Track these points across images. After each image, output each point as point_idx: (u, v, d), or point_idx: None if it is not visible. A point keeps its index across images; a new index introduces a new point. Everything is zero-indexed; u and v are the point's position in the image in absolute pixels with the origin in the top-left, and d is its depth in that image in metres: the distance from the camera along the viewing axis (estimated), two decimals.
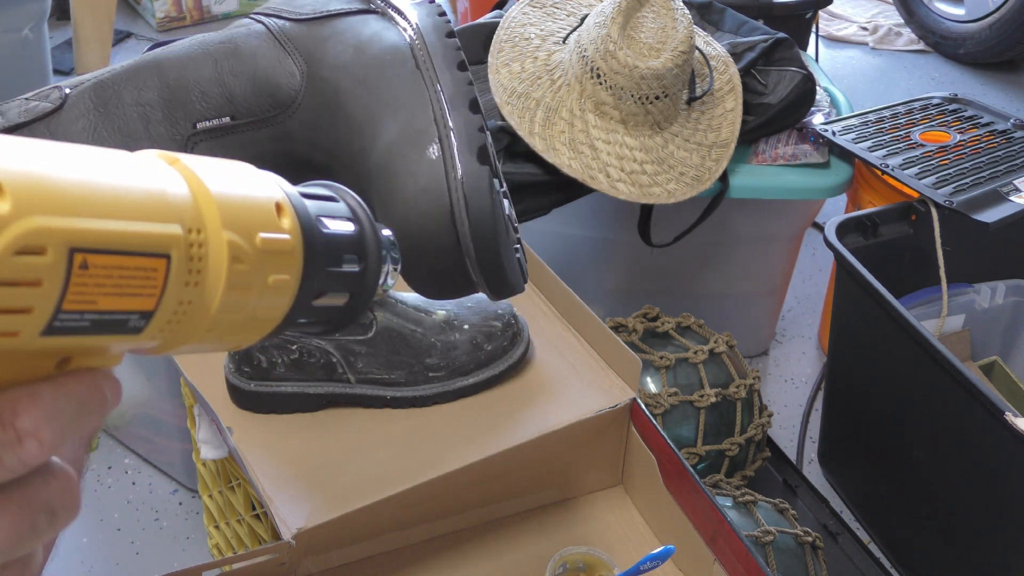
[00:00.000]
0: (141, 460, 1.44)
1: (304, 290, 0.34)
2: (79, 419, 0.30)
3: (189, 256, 0.29)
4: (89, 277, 0.27)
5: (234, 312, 0.31)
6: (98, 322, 0.28)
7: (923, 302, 1.34)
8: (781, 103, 1.43)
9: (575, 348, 1.04)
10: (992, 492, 1.16)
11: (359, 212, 0.38)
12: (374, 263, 0.37)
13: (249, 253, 0.31)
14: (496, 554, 0.95)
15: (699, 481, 0.90)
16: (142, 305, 0.29)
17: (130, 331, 0.29)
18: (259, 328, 0.34)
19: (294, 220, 0.33)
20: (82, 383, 0.30)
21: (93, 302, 0.27)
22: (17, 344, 0.27)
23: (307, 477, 0.90)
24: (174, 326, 0.30)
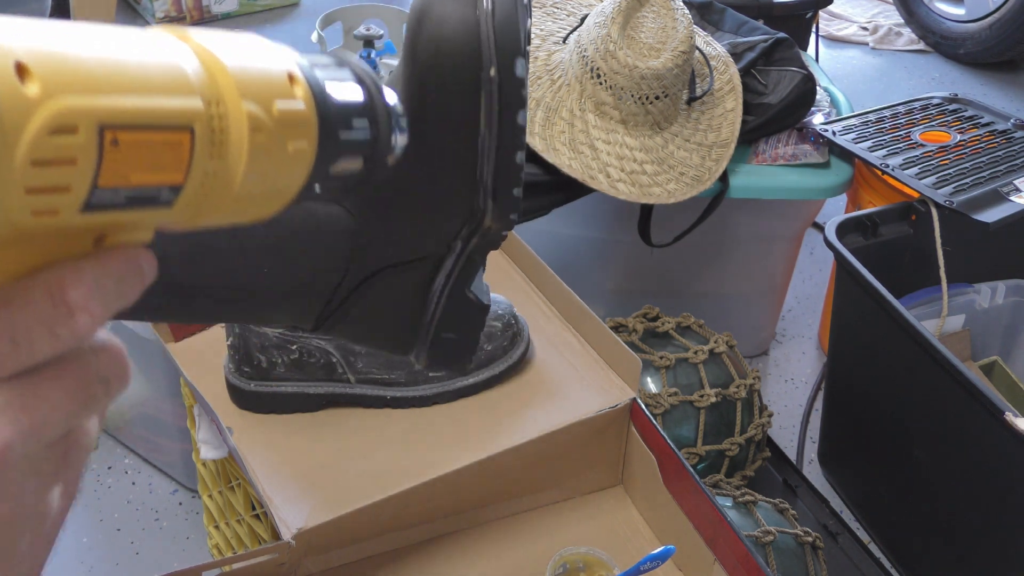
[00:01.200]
0: (141, 460, 1.44)
1: (321, 157, 0.35)
2: (121, 291, 0.32)
3: (211, 128, 0.30)
4: (119, 153, 0.28)
5: (258, 182, 0.33)
6: (132, 197, 0.29)
7: (923, 302, 1.34)
8: (781, 103, 1.43)
9: (575, 348, 1.03)
10: (992, 492, 1.16)
11: (366, 79, 0.39)
12: (384, 127, 0.39)
13: (267, 123, 0.32)
14: (496, 554, 0.95)
15: (699, 481, 0.90)
16: (171, 179, 0.30)
17: (161, 204, 0.30)
18: (281, 197, 0.35)
19: (306, 89, 0.34)
20: (121, 257, 0.31)
21: (125, 177, 0.28)
22: (57, 223, 0.28)
23: (307, 477, 0.90)
24: (202, 199, 0.31)
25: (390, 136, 0.40)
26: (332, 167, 0.36)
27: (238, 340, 0.94)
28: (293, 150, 0.34)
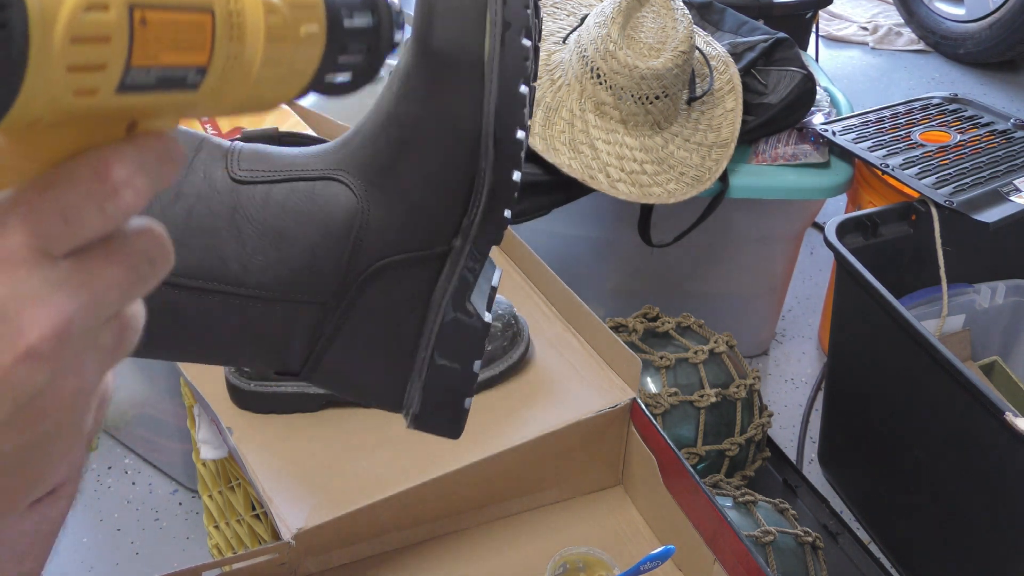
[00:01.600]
0: (141, 460, 1.44)
1: (330, 43, 0.38)
2: (161, 170, 0.34)
3: (229, 11, 0.33)
4: (148, 32, 0.30)
5: (274, 65, 0.35)
6: (162, 78, 0.31)
7: (923, 302, 1.34)
8: (781, 103, 1.43)
9: (575, 348, 1.03)
10: (992, 492, 1.16)
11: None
12: (386, 18, 0.42)
13: (279, 6, 0.35)
14: (496, 554, 0.95)
15: (699, 481, 0.90)
16: (196, 59, 0.32)
17: (188, 87, 0.33)
18: (296, 81, 0.38)
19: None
20: (155, 139, 0.34)
21: (155, 57, 0.31)
22: (96, 103, 0.30)
23: (307, 477, 0.90)
24: (224, 82, 0.34)
25: (392, 29, 0.42)
26: (340, 55, 0.39)
27: None
28: (305, 33, 0.36)
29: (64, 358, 0.32)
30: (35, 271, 0.31)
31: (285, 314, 0.62)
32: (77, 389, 0.33)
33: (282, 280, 0.61)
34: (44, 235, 0.31)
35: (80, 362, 0.33)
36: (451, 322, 0.64)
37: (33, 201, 0.31)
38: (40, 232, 0.31)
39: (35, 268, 0.31)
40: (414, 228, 0.63)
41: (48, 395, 0.32)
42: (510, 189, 0.65)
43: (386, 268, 0.63)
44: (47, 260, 0.32)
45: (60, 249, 0.32)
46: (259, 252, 0.60)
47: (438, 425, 0.66)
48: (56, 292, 0.31)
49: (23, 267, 0.31)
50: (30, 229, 0.31)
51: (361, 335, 0.64)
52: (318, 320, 0.63)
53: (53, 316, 0.31)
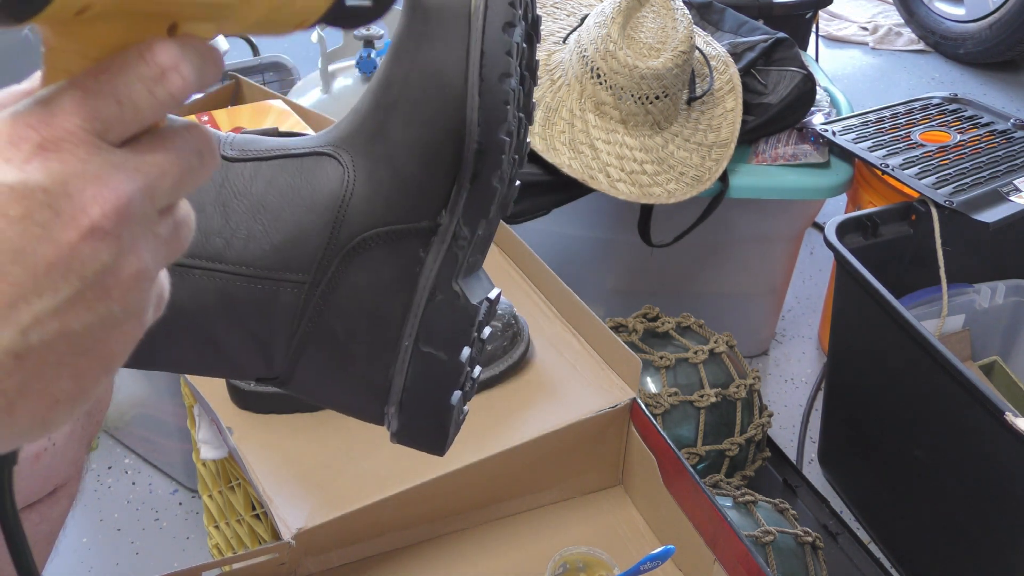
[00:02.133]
0: (141, 460, 1.44)
1: None
2: (204, 66, 0.35)
3: None
4: None
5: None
6: None
7: (923, 302, 1.34)
8: (781, 103, 1.43)
9: (575, 348, 1.03)
10: (992, 492, 1.16)
11: None
12: None
13: None
14: (496, 554, 0.95)
15: (699, 481, 0.90)
16: None
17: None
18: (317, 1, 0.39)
19: None
20: (198, 42, 0.35)
21: None
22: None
23: (307, 477, 0.90)
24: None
25: None
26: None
27: None
28: None
29: (124, 238, 0.33)
30: (94, 153, 0.33)
31: (266, 294, 0.60)
32: (137, 271, 0.34)
33: (264, 255, 0.60)
34: (100, 118, 0.33)
35: (139, 245, 0.34)
36: (437, 303, 0.62)
37: (88, 86, 0.33)
38: (96, 115, 0.33)
39: (94, 150, 0.33)
40: (400, 197, 0.62)
41: (112, 273, 0.34)
42: (497, 149, 0.62)
43: (370, 241, 0.61)
44: (104, 144, 0.33)
45: (115, 133, 0.33)
46: (242, 226, 0.59)
47: (422, 432, 0.64)
48: (115, 173, 0.33)
49: (82, 149, 0.32)
50: (87, 112, 0.33)
51: (343, 319, 0.62)
52: (300, 303, 0.61)
53: (113, 195, 0.33)
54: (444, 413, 0.63)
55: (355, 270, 0.62)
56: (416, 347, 0.62)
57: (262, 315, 0.61)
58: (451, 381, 0.63)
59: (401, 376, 0.62)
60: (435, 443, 0.65)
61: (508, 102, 0.61)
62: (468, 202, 0.62)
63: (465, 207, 0.62)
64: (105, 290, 0.34)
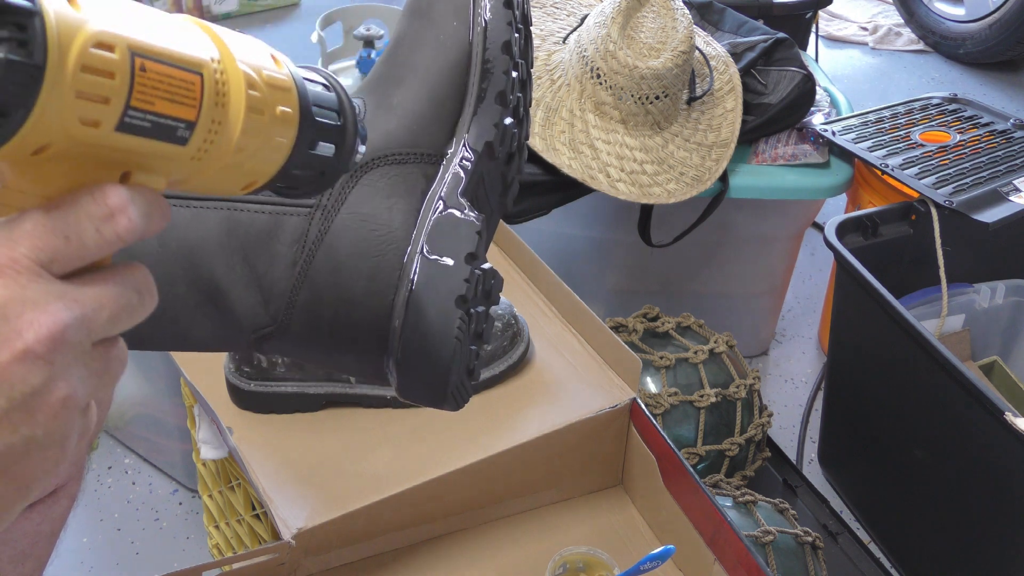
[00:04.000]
0: (141, 460, 1.44)
1: (303, 130, 0.42)
2: (151, 213, 0.37)
3: (215, 80, 0.37)
4: (147, 79, 0.34)
5: (253, 137, 0.39)
6: (156, 125, 0.35)
7: (923, 302, 1.34)
8: (781, 103, 1.43)
9: (575, 348, 1.04)
10: (992, 492, 1.16)
11: (332, 82, 0.46)
12: (351, 119, 0.46)
13: (259, 83, 0.39)
14: (496, 554, 0.95)
15: (699, 481, 0.90)
16: (187, 114, 0.36)
17: (178, 140, 0.36)
18: (271, 158, 0.41)
19: (287, 69, 0.42)
20: (147, 191, 0.37)
21: (152, 103, 0.35)
22: (97, 136, 0.34)
23: (307, 477, 0.90)
24: (209, 144, 0.38)
25: (356, 136, 0.46)
26: (310, 148, 0.43)
27: None
28: (280, 112, 0.41)
29: (57, 364, 0.35)
30: (36, 281, 0.34)
31: (271, 223, 0.62)
32: (66, 397, 0.35)
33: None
34: (47, 249, 0.35)
35: (70, 373, 0.35)
36: (444, 217, 0.63)
37: (38, 220, 0.35)
38: (43, 247, 0.34)
39: (36, 279, 0.34)
40: (409, 125, 0.65)
41: (40, 397, 0.35)
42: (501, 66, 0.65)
43: (378, 162, 0.63)
44: (47, 274, 0.35)
45: (60, 265, 0.35)
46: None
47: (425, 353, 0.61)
48: (54, 302, 0.34)
49: (25, 276, 0.34)
50: (34, 243, 0.34)
51: (347, 237, 0.62)
52: (304, 228, 0.62)
53: (49, 321, 0.34)
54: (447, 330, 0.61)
55: (360, 188, 0.63)
56: (423, 255, 0.62)
57: (265, 244, 0.62)
58: (456, 285, 0.62)
59: (404, 291, 0.61)
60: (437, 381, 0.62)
61: (511, 23, 0.65)
62: (475, 123, 0.65)
63: (472, 128, 0.65)
64: (30, 413, 0.35)
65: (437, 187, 0.64)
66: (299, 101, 0.42)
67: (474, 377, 0.67)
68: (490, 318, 0.66)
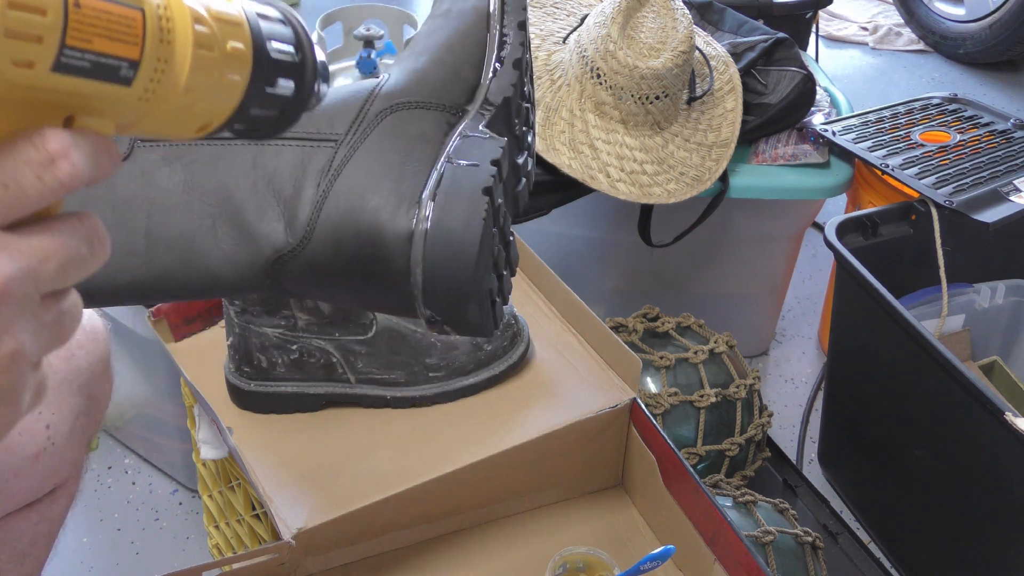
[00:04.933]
0: (141, 460, 1.44)
1: (256, 68, 0.40)
2: (98, 157, 0.35)
3: (159, 16, 0.35)
4: (82, 16, 0.32)
5: (203, 77, 0.37)
6: (95, 64, 0.33)
7: (923, 302, 1.34)
8: (781, 103, 1.43)
9: (575, 348, 1.03)
10: (992, 492, 1.16)
11: (291, 16, 0.44)
12: (309, 54, 0.44)
13: (206, 18, 0.37)
14: (496, 554, 0.95)
15: (699, 481, 0.90)
16: (128, 52, 0.34)
17: (122, 80, 0.35)
18: (225, 99, 0.39)
19: (238, 2, 0.40)
20: (92, 134, 0.35)
21: (89, 41, 0.33)
22: (33, 77, 0.32)
23: (307, 477, 0.90)
24: (156, 84, 0.36)
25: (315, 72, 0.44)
26: (267, 87, 0.41)
27: (238, 340, 0.94)
28: (231, 48, 0.39)
29: (1, 317, 0.33)
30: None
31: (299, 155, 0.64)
32: (13, 352, 0.34)
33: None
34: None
35: (17, 327, 0.34)
36: (467, 138, 0.67)
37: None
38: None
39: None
40: (430, 85, 0.68)
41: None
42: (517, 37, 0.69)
43: (402, 106, 0.67)
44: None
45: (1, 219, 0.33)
46: None
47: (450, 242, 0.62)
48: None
49: None
50: None
51: (372, 160, 0.65)
52: (330, 159, 0.65)
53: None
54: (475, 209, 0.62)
55: (384, 124, 0.67)
56: (447, 162, 0.65)
57: (290, 173, 0.65)
58: (484, 179, 0.64)
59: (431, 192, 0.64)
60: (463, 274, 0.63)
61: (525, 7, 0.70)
62: (494, 83, 0.69)
63: (491, 87, 0.69)
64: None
65: (459, 125, 0.68)
66: (252, 36, 0.40)
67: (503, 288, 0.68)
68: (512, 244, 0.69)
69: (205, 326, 1.04)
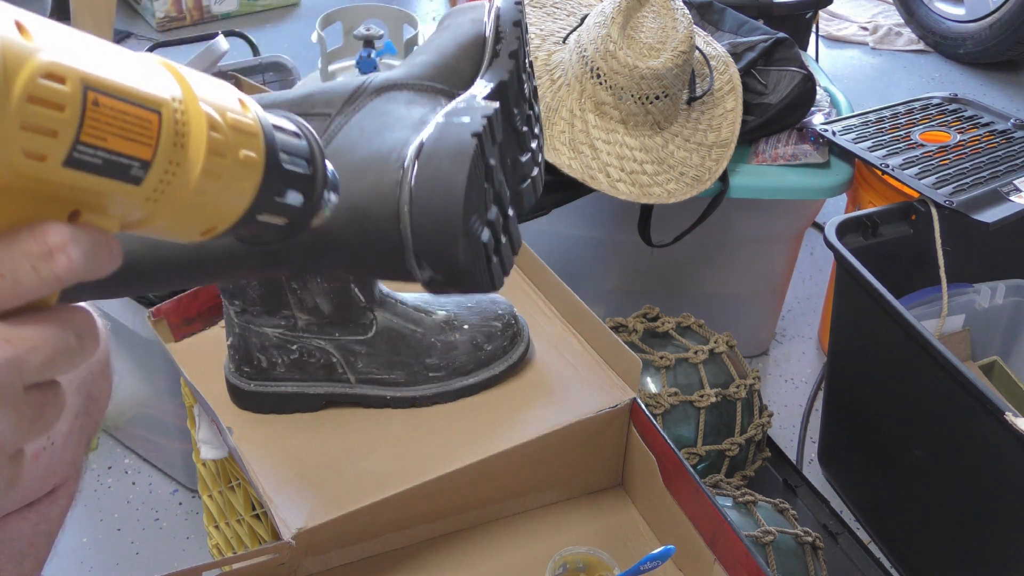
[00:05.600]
0: (141, 460, 1.44)
1: (268, 176, 0.41)
2: (97, 254, 0.35)
3: (175, 120, 0.36)
4: (100, 114, 0.33)
5: (213, 181, 0.38)
6: (108, 162, 0.34)
7: (923, 302, 1.34)
8: (781, 103, 1.43)
9: (575, 348, 1.03)
10: (992, 492, 1.16)
11: (305, 131, 0.45)
12: (321, 168, 0.44)
13: (222, 125, 0.38)
14: (496, 554, 0.95)
15: (699, 481, 0.90)
16: (142, 152, 0.35)
17: (132, 180, 0.35)
18: (233, 204, 0.40)
19: (255, 112, 0.41)
20: (95, 230, 0.35)
21: (104, 139, 0.33)
22: (43, 170, 0.32)
23: (307, 477, 0.90)
24: (165, 186, 0.36)
25: (325, 184, 0.44)
26: (276, 196, 0.41)
27: (238, 340, 0.94)
28: (244, 156, 0.39)
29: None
30: None
31: None
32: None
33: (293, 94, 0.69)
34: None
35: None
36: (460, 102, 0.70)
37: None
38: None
39: None
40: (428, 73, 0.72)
41: None
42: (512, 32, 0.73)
43: (400, 87, 0.71)
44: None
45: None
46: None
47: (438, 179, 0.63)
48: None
49: None
50: None
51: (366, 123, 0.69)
52: (323, 128, 0.68)
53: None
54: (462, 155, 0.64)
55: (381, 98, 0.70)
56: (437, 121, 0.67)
57: None
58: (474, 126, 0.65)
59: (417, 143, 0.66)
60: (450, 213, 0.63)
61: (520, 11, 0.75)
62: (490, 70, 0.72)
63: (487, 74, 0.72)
64: None
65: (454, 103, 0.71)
66: (265, 147, 0.40)
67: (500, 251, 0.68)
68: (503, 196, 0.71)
69: (205, 326, 1.04)
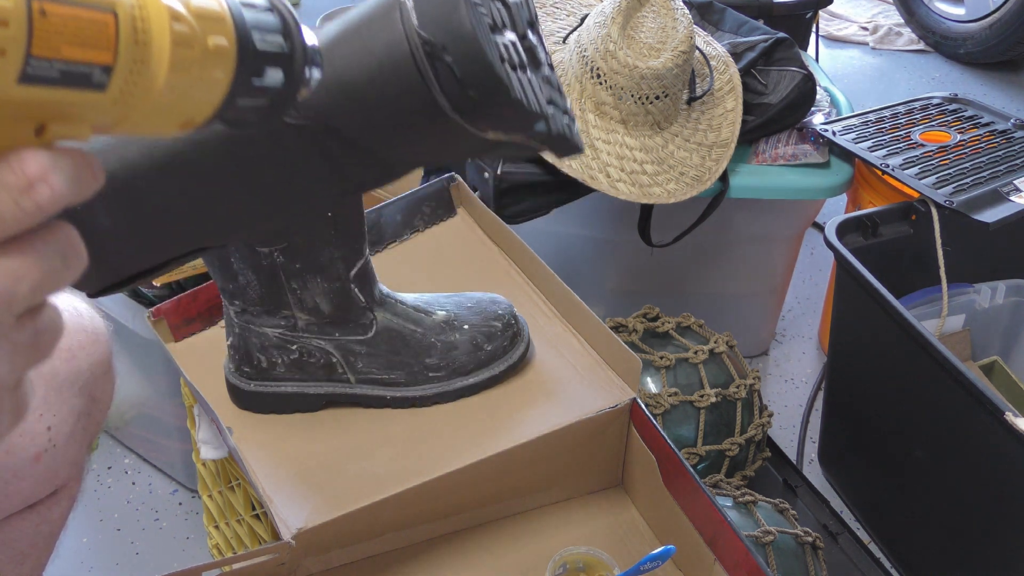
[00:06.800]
0: (141, 460, 1.44)
1: (242, 61, 0.38)
2: (79, 178, 0.34)
3: (133, 16, 0.34)
4: (49, 24, 0.31)
5: (183, 74, 0.36)
6: (66, 72, 0.32)
7: (923, 302, 1.34)
8: (781, 103, 1.43)
9: (575, 348, 1.03)
10: (992, 492, 1.16)
11: (278, 3, 0.42)
12: (298, 42, 0.42)
13: (184, 16, 0.36)
14: (496, 554, 0.95)
15: (699, 481, 0.90)
16: (101, 57, 0.33)
17: (95, 86, 0.33)
18: (209, 95, 0.38)
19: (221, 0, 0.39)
20: (73, 151, 0.34)
21: (57, 49, 0.31)
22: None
23: (307, 477, 0.90)
24: (132, 86, 0.34)
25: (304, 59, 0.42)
26: (254, 77, 0.39)
27: (238, 340, 0.94)
28: (213, 45, 0.37)
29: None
30: None
31: None
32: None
33: None
34: None
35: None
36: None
37: None
38: None
39: None
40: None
41: None
42: None
43: None
44: None
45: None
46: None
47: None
48: None
49: None
50: None
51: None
52: None
53: None
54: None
55: None
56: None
57: None
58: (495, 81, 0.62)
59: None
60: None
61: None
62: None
63: None
64: None
65: None
66: (235, 29, 0.38)
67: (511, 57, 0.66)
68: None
69: (205, 326, 1.04)
